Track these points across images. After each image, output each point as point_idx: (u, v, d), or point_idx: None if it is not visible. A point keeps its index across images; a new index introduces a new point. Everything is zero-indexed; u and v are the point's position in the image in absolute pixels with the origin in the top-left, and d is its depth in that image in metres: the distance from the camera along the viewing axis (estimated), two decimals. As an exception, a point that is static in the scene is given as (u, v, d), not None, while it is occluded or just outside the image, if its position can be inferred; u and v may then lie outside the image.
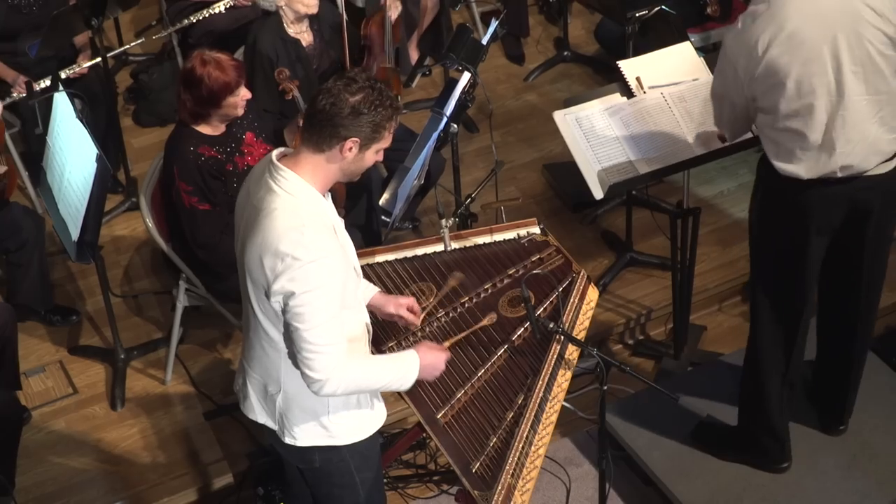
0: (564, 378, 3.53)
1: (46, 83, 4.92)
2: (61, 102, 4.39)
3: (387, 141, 3.06)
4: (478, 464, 3.41)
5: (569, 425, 4.55)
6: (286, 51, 4.79)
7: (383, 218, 4.45)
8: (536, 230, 3.91)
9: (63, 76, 5.01)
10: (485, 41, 4.40)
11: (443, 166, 4.94)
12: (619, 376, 3.92)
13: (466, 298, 3.69)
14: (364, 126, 2.97)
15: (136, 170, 5.49)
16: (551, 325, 3.49)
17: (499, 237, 3.90)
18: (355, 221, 4.79)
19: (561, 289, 3.71)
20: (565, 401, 3.65)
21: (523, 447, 3.40)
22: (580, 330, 3.65)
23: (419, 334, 3.62)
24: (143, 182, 4.47)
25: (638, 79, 4.21)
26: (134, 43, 5.74)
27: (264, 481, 4.15)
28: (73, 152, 4.25)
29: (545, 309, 3.67)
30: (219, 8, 5.37)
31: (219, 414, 4.52)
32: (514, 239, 3.90)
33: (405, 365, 3.22)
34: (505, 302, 3.71)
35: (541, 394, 3.47)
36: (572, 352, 3.56)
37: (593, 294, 3.74)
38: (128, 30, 6.36)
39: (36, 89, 4.83)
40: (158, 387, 4.66)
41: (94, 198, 4.07)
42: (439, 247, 3.87)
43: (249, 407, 3.33)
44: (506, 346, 3.60)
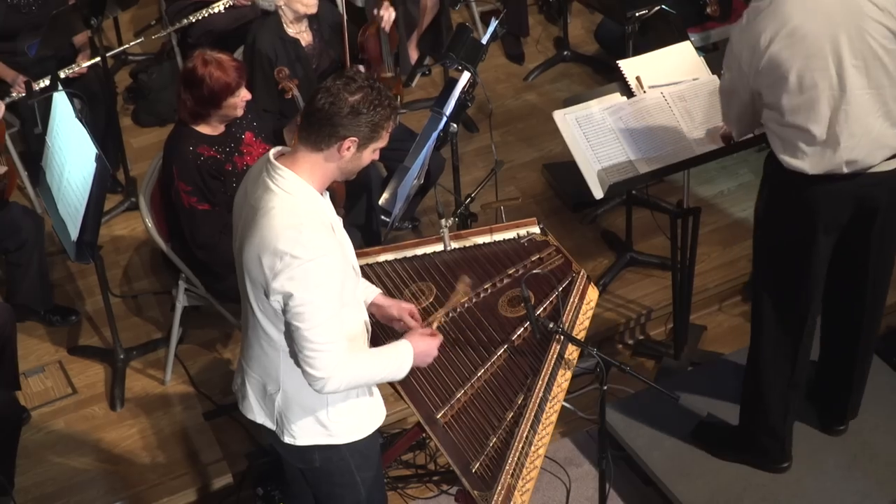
0: (564, 378, 3.53)
1: (46, 83, 4.92)
2: (60, 102, 4.38)
3: (384, 140, 3.06)
4: (477, 464, 3.40)
5: (569, 425, 4.54)
6: (285, 50, 4.79)
7: (383, 218, 4.45)
8: (536, 230, 3.91)
9: (62, 76, 5.01)
10: (484, 41, 4.40)
11: (442, 166, 4.94)
12: (620, 376, 3.91)
13: (466, 298, 3.68)
14: (363, 126, 2.97)
15: (136, 169, 5.49)
16: (551, 325, 3.48)
17: (498, 237, 3.89)
18: (355, 221, 4.78)
19: (561, 289, 3.70)
20: (565, 401, 3.64)
21: (523, 447, 3.39)
22: (580, 330, 3.64)
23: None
24: (143, 182, 4.46)
25: (638, 78, 4.21)
26: (133, 42, 5.74)
27: (264, 481, 4.15)
28: (73, 152, 4.25)
29: (545, 309, 3.67)
30: (218, 7, 5.36)
31: (218, 414, 4.52)
32: (514, 239, 3.89)
33: (400, 355, 3.23)
34: (505, 302, 3.70)
35: (541, 394, 3.46)
36: (572, 352, 3.55)
37: (593, 294, 3.73)
38: (127, 29, 6.36)
39: (35, 89, 4.83)
40: (158, 387, 4.66)
41: (94, 197, 4.06)
42: (439, 246, 3.87)
43: (248, 407, 3.33)
44: (505, 346, 3.59)
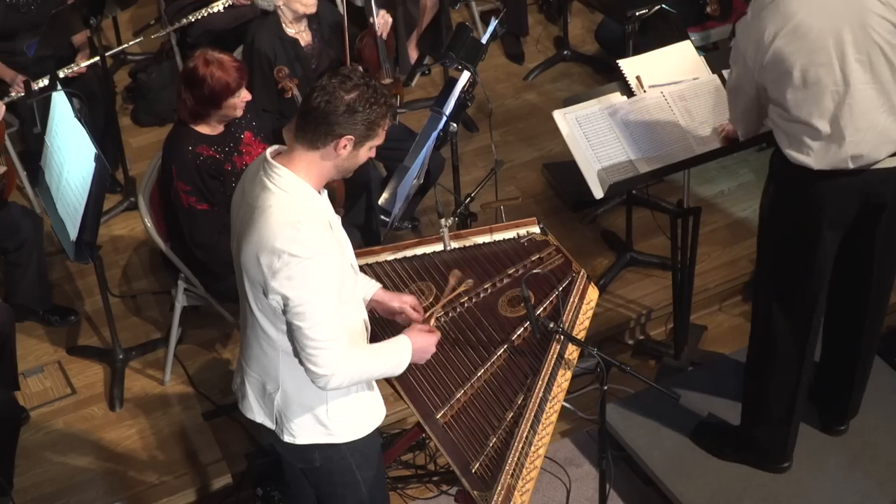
0: (564, 378, 3.52)
1: (45, 82, 4.93)
2: (59, 102, 4.38)
3: (380, 138, 3.05)
4: (477, 464, 3.39)
5: (569, 425, 4.54)
6: (284, 50, 4.78)
7: (382, 217, 4.45)
8: (536, 230, 3.90)
9: (61, 75, 5.00)
10: (484, 40, 4.39)
11: (442, 165, 4.93)
12: (620, 376, 3.91)
13: (466, 298, 3.68)
14: (359, 124, 2.97)
15: (135, 169, 5.49)
16: (551, 325, 3.48)
17: (498, 237, 3.88)
18: (354, 221, 4.78)
19: (561, 288, 3.70)
20: (565, 401, 3.63)
21: (523, 447, 3.38)
22: (580, 330, 3.63)
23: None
24: (142, 182, 4.45)
25: (638, 78, 4.20)
26: (132, 42, 5.73)
27: (263, 482, 4.14)
28: (72, 152, 4.24)
29: (545, 308, 3.66)
30: (217, 7, 5.36)
31: (218, 414, 4.52)
32: (514, 238, 3.89)
33: (399, 350, 3.24)
34: (505, 301, 3.70)
35: (541, 394, 3.45)
36: (572, 352, 3.54)
37: (593, 294, 3.73)
38: (126, 29, 6.36)
39: (34, 88, 4.83)
40: (157, 387, 4.65)
41: (93, 197, 4.06)
42: (439, 246, 3.86)
43: (248, 406, 3.33)
44: (505, 346, 3.58)
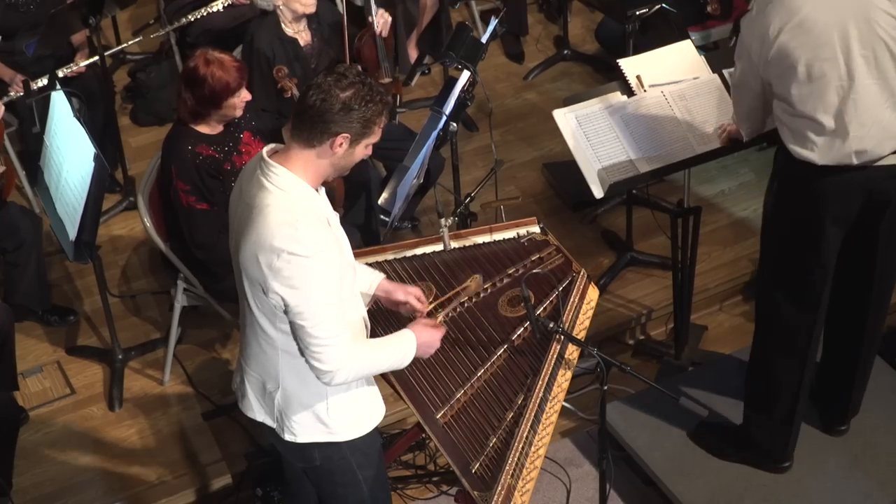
0: (564, 378, 3.51)
1: (44, 82, 4.93)
2: (59, 101, 4.37)
3: (377, 136, 3.05)
4: (477, 464, 3.39)
5: (569, 425, 4.53)
6: (284, 50, 4.78)
7: (382, 217, 4.44)
8: (536, 229, 3.90)
9: (60, 75, 5.00)
10: (484, 39, 4.39)
11: (442, 165, 4.93)
12: (620, 376, 3.90)
13: (466, 298, 3.67)
14: (355, 122, 2.96)
15: (134, 169, 5.48)
16: (551, 325, 3.47)
17: (498, 236, 3.88)
18: (354, 221, 4.77)
19: (561, 288, 3.69)
20: (565, 401, 3.63)
21: (523, 447, 3.38)
22: (580, 329, 3.62)
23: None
24: (141, 181, 4.45)
25: (638, 77, 4.19)
26: (132, 41, 5.72)
27: (263, 482, 4.14)
28: (71, 151, 4.23)
29: (545, 308, 3.65)
30: (217, 6, 5.36)
31: (217, 414, 4.51)
32: (514, 238, 3.88)
33: (404, 344, 3.24)
34: (505, 301, 3.69)
35: (541, 394, 3.45)
36: (572, 351, 3.53)
37: (593, 293, 3.72)
38: (125, 28, 6.36)
39: (33, 88, 4.83)
40: (156, 387, 4.64)
41: (92, 197, 4.05)
42: (439, 246, 3.85)
43: (248, 405, 3.32)
44: (505, 346, 3.58)
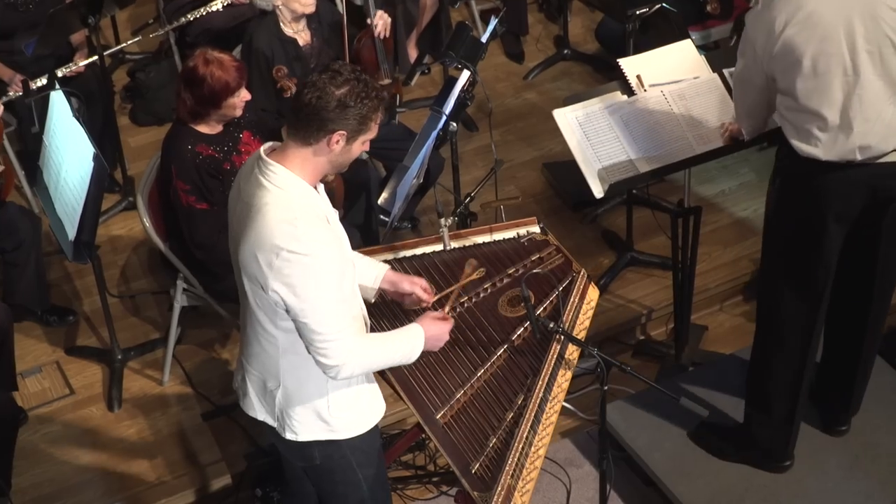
0: (565, 378, 3.50)
1: (43, 82, 4.93)
2: (58, 101, 4.36)
3: (373, 132, 3.06)
4: (477, 465, 3.38)
5: (569, 426, 4.52)
6: (283, 50, 4.77)
7: (382, 217, 4.44)
8: (536, 229, 3.89)
9: (60, 74, 5.00)
10: (484, 39, 4.38)
11: (442, 165, 4.92)
12: (620, 376, 3.89)
13: (466, 298, 3.67)
14: (351, 119, 2.97)
15: (133, 169, 5.48)
16: (551, 325, 3.46)
17: (498, 236, 3.87)
18: (354, 221, 4.76)
19: (561, 288, 3.68)
20: (566, 401, 3.62)
21: (523, 448, 3.37)
22: (580, 330, 3.62)
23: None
24: (141, 181, 4.44)
25: (638, 77, 4.19)
26: (131, 41, 5.72)
27: (262, 482, 4.14)
28: (70, 151, 4.23)
29: (545, 308, 3.65)
30: (216, 6, 5.36)
31: (217, 414, 4.50)
32: (514, 238, 3.87)
33: (412, 338, 3.24)
34: (505, 301, 3.68)
35: (541, 394, 3.44)
36: (572, 352, 3.53)
37: (594, 293, 3.71)
38: (125, 28, 6.35)
39: (32, 88, 4.83)
40: (156, 387, 4.64)
41: (91, 197, 4.04)
42: (438, 246, 3.85)
43: (249, 404, 3.32)
44: (505, 346, 3.57)
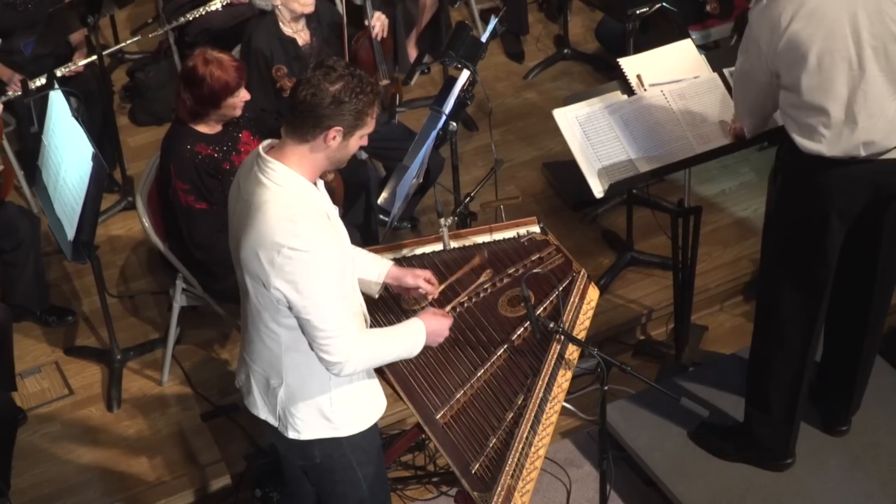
0: (565, 378, 3.50)
1: (42, 81, 4.93)
2: (57, 101, 4.36)
3: (370, 126, 3.06)
4: (477, 465, 3.38)
5: (569, 426, 4.52)
6: (283, 49, 4.77)
7: (382, 217, 4.43)
8: (536, 229, 3.89)
9: (59, 74, 5.00)
10: (484, 39, 4.37)
11: (442, 165, 4.92)
12: (620, 376, 3.89)
13: (466, 298, 3.66)
14: (346, 114, 2.97)
15: (133, 169, 5.47)
16: (551, 325, 3.46)
17: (498, 236, 3.87)
18: (354, 220, 4.76)
19: (561, 288, 3.68)
20: (566, 401, 3.62)
21: (523, 448, 3.37)
22: (580, 330, 3.61)
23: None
24: (140, 181, 4.44)
25: (639, 76, 4.18)
26: (130, 41, 5.72)
27: (262, 483, 4.13)
28: (69, 151, 4.22)
29: (545, 308, 3.64)
30: (215, 5, 5.35)
31: (216, 415, 4.49)
32: (514, 238, 3.87)
33: (413, 333, 3.25)
34: (505, 301, 3.68)
35: (541, 394, 3.44)
36: (572, 352, 3.52)
37: (594, 293, 3.71)
38: (124, 27, 6.35)
39: (31, 87, 4.82)
40: (155, 388, 4.63)
41: (90, 197, 4.04)
42: (438, 246, 3.84)
43: (252, 402, 3.33)
44: (505, 346, 3.57)
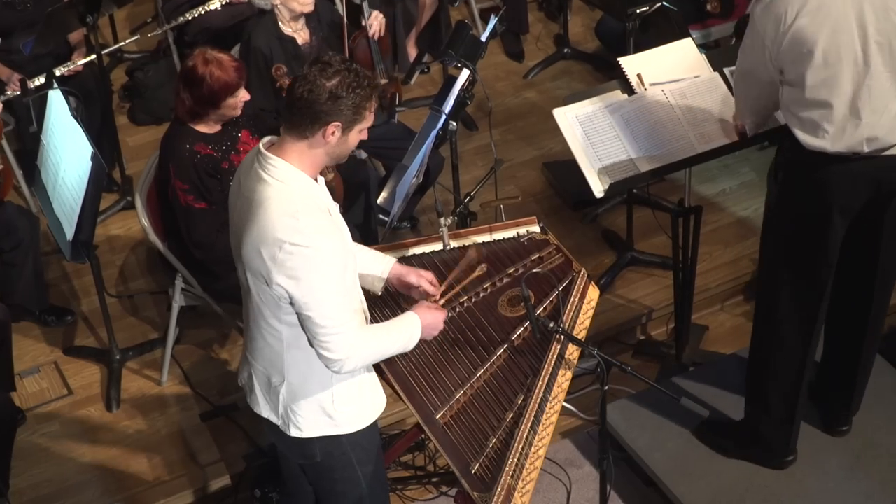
0: (565, 378, 3.49)
1: (41, 81, 4.93)
2: (56, 100, 4.35)
3: (369, 120, 3.06)
4: (477, 465, 3.37)
5: (569, 426, 4.51)
6: (282, 49, 4.76)
7: (381, 217, 4.43)
8: (536, 229, 3.88)
9: (58, 73, 5.00)
10: (484, 38, 4.37)
11: (442, 164, 4.91)
12: (620, 376, 3.89)
13: (466, 298, 3.66)
14: (344, 109, 2.97)
15: (132, 168, 5.46)
16: (551, 325, 3.45)
17: (498, 236, 3.86)
18: (353, 220, 4.75)
19: (561, 288, 3.67)
20: (566, 401, 3.61)
21: (523, 448, 3.36)
22: (581, 329, 3.61)
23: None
24: (139, 180, 4.44)
25: (639, 76, 4.17)
26: (129, 40, 5.71)
27: (261, 483, 4.12)
28: (68, 151, 4.22)
29: (545, 308, 3.63)
30: (214, 5, 5.35)
31: (215, 415, 4.49)
32: (514, 238, 3.86)
33: (409, 327, 3.26)
34: (504, 301, 3.67)
35: (541, 394, 3.43)
36: (572, 352, 3.52)
37: (594, 293, 3.70)
38: (123, 27, 6.34)
39: (30, 87, 4.82)
40: (154, 388, 4.63)
41: (89, 197, 4.03)
42: (438, 245, 3.84)
43: (254, 400, 3.33)
44: (505, 346, 3.56)
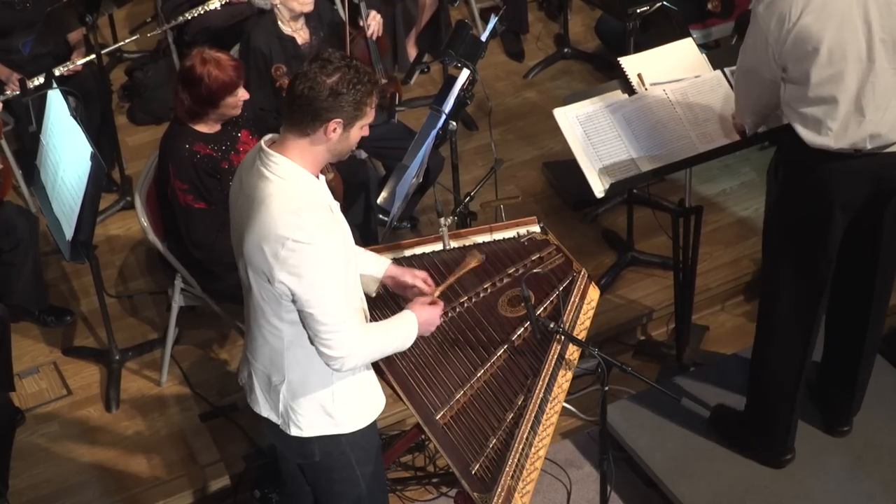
0: (565, 378, 3.49)
1: (40, 81, 4.92)
2: (55, 100, 4.35)
3: (370, 117, 3.05)
4: (477, 465, 3.37)
5: (569, 426, 4.51)
6: (282, 48, 4.76)
7: (381, 217, 4.43)
8: (536, 229, 3.88)
9: (57, 73, 4.99)
10: (484, 38, 4.37)
11: (442, 164, 4.91)
12: (621, 377, 3.88)
13: (466, 298, 3.65)
14: (345, 105, 2.97)
15: (131, 168, 5.46)
16: (552, 325, 3.45)
17: (498, 236, 3.86)
18: (353, 220, 4.74)
19: (561, 288, 3.67)
20: (566, 402, 3.61)
21: (523, 448, 3.36)
22: (581, 330, 3.60)
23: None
24: (138, 181, 4.43)
25: (639, 75, 4.17)
26: (129, 40, 5.70)
27: (261, 483, 4.12)
28: (67, 150, 4.21)
29: (545, 308, 3.63)
30: (214, 4, 5.35)
31: (215, 415, 4.48)
32: (514, 238, 3.86)
33: (406, 324, 3.26)
34: (505, 301, 3.67)
35: (541, 394, 3.43)
36: (573, 352, 3.51)
37: (594, 293, 3.70)
38: (122, 27, 6.34)
39: (30, 87, 4.81)
40: (154, 388, 4.62)
41: (89, 196, 4.03)
42: (438, 246, 3.83)
43: (254, 400, 3.32)
44: (505, 346, 3.56)
